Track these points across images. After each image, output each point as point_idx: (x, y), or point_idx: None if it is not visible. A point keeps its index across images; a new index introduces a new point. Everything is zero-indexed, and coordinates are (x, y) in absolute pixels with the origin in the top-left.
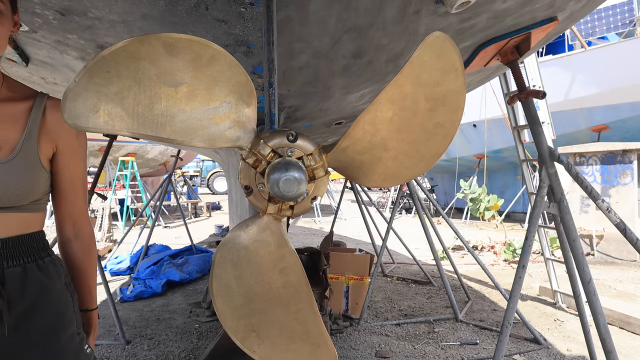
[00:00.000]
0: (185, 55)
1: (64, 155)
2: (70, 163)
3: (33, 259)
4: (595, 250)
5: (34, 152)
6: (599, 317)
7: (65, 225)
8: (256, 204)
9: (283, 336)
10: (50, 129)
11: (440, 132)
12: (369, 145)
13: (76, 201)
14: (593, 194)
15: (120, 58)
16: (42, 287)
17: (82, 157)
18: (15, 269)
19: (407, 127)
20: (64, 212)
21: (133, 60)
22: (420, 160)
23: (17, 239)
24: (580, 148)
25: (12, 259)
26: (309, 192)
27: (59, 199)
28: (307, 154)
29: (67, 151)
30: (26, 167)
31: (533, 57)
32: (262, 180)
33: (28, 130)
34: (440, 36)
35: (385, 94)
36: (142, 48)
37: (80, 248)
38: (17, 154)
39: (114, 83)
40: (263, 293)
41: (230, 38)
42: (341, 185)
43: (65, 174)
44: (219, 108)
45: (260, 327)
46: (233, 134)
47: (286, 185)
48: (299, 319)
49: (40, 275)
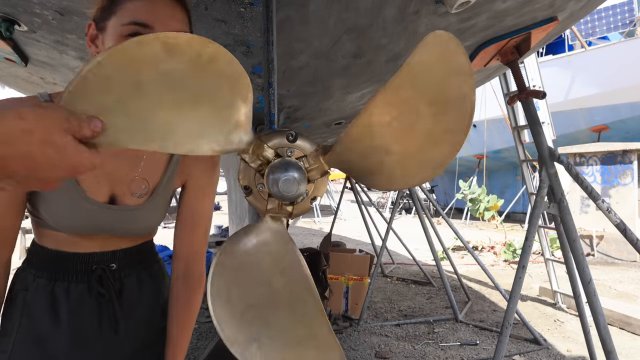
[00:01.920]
0: (184, 55)
1: (192, 191)
2: (196, 199)
3: (145, 267)
4: (595, 251)
5: (169, 190)
6: (599, 317)
7: (179, 263)
8: (255, 205)
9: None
10: (186, 164)
11: (448, 138)
12: (369, 148)
13: (194, 239)
14: (593, 195)
15: (117, 62)
16: (155, 294)
17: (210, 195)
18: (131, 278)
19: (410, 132)
20: (179, 247)
21: (131, 64)
22: (426, 166)
23: (135, 249)
24: (580, 148)
25: (129, 268)
26: (308, 193)
27: (178, 232)
28: (307, 154)
29: (196, 187)
30: (161, 206)
31: (533, 57)
32: (262, 180)
33: (171, 169)
34: (442, 35)
35: (380, 96)
36: (140, 50)
37: (185, 293)
38: (156, 195)
39: (113, 90)
40: (265, 297)
41: (229, 38)
42: (341, 185)
43: (188, 209)
44: (221, 110)
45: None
46: (235, 136)
47: (286, 185)
48: (305, 322)
49: (152, 283)
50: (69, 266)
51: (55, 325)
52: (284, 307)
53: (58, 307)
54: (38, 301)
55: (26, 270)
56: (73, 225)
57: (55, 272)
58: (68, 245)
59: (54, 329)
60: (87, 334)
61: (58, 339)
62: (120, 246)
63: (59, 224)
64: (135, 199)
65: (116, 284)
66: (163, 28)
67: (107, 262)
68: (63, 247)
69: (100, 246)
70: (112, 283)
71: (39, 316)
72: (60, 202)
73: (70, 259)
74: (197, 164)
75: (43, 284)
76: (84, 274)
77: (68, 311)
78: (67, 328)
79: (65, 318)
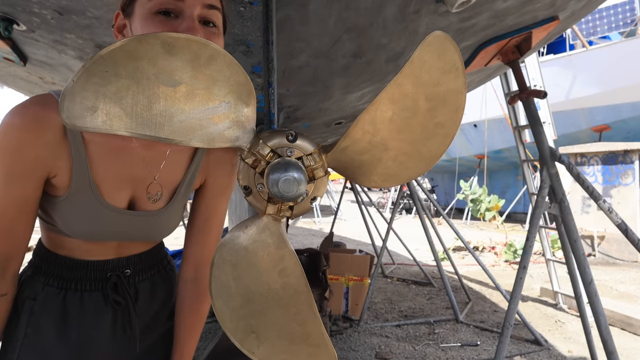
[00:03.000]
0: (184, 55)
1: (210, 191)
2: (214, 200)
3: (157, 270)
4: (596, 251)
5: (189, 191)
6: (600, 318)
7: (188, 266)
8: (255, 205)
9: (282, 337)
10: (207, 164)
11: (441, 132)
12: (369, 145)
13: (207, 242)
14: (594, 195)
15: (118, 57)
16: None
17: (227, 197)
18: (144, 282)
19: (408, 127)
20: (190, 251)
21: (131, 60)
22: (420, 160)
23: (147, 253)
24: (581, 148)
25: (143, 273)
26: (308, 193)
27: (190, 235)
28: (306, 154)
29: (215, 187)
30: (178, 212)
31: (534, 57)
32: (262, 180)
33: (191, 174)
34: (440, 35)
35: (385, 93)
36: (141, 47)
37: (193, 297)
38: (175, 201)
39: (113, 83)
40: (262, 294)
41: (229, 37)
42: (341, 185)
43: (203, 211)
44: (217, 108)
45: (260, 329)
46: (232, 134)
47: (286, 185)
48: (299, 320)
49: (164, 286)
50: (83, 275)
51: (64, 337)
52: (278, 304)
53: (68, 318)
54: (46, 312)
55: (35, 278)
56: (90, 232)
57: (67, 280)
58: (81, 253)
59: (62, 341)
60: (99, 341)
61: (65, 352)
62: (135, 251)
63: (75, 231)
64: (153, 203)
65: (131, 290)
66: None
67: (122, 269)
68: (76, 255)
69: (115, 253)
70: (127, 290)
71: (46, 328)
72: (76, 209)
73: (84, 267)
74: (218, 165)
75: (53, 293)
76: (98, 282)
77: (80, 322)
78: (76, 339)
79: (76, 329)
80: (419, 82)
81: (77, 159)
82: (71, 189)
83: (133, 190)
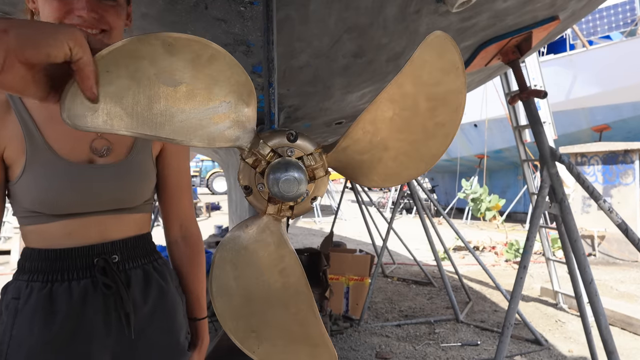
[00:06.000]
0: (184, 55)
1: (171, 153)
2: (177, 161)
3: (149, 260)
4: (596, 251)
5: (148, 150)
6: (601, 317)
7: (173, 227)
8: (256, 205)
9: (283, 337)
10: None
11: (441, 132)
12: (369, 145)
13: (182, 201)
14: (595, 194)
15: (119, 57)
16: (160, 289)
17: (187, 155)
18: (136, 270)
19: (408, 127)
20: (171, 212)
21: (132, 60)
22: (421, 160)
23: (134, 240)
24: (581, 148)
25: (132, 260)
26: (309, 192)
27: (165, 199)
28: (307, 153)
29: (175, 148)
30: (142, 165)
31: (534, 57)
32: (262, 180)
33: None
34: (440, 35)
35: (385, 93)
36: (141, 47)
37: (187, 251)
38: (135, 152)
39: (113, 82)
40: (263, 294)
41: (229, 37)
42: (341, 185)
43: (171, 173)
44: (218, 107)
45: (260, 328)
46: (232, 134)
47: (286, 185)
48: (299, 320)
49: (158, 277)
50: (68, 264)
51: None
52: (279, 304)
53: (56, 310)
54: (32, 308)
55: (18, 279)
56: (58, 193)
57: (52, 272)
58: (63, 239)
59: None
60: (90, 331)
61: (54, 347)
62: (118, 235)
63: (44, 200)
64: (100, 157)
65: (122, 276)
66: None
67: (108, 254)
68: (57, 244)
69: (98, 236)
70: (117, 273)
71: (33, 325)
72: (38, 174)
73: (68, 256)
74: None
75: (38, 288)
76: (85, 269)
77: (69, 314)
78: (67, 331)
79: (66, 321)
80: (420, 82)
81: (24, 125)
82: (27, 155)
83: (85, 146)
